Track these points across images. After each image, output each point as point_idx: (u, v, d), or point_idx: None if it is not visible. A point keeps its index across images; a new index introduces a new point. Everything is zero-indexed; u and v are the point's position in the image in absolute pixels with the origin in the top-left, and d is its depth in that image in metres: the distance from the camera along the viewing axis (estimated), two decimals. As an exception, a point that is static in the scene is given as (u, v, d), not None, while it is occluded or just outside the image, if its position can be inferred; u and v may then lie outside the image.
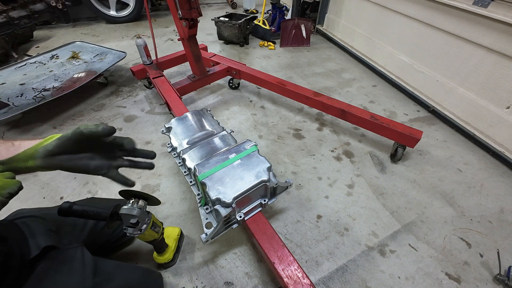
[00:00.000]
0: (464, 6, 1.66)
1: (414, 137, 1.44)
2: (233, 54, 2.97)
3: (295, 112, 2.06)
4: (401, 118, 2.02)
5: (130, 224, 0.78)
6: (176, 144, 1.26)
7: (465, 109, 1.83)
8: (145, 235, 0.86)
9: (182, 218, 1.33)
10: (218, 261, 1.16)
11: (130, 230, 0.80)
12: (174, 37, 3.37)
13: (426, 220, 1.33)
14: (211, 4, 4.83)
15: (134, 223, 0.77)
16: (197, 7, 1.58)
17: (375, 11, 2.50)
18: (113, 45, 2.92)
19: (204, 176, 1.02)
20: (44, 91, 1.95)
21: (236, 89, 2.34)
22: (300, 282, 0.86)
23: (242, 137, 1.81)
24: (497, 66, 1.60)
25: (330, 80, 2.49)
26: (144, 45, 1.99)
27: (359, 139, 1.81)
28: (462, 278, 1.11)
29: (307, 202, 1.40)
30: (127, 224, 0.78)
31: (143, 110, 2.07)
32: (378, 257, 1.18)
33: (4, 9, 2.45)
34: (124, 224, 0.78)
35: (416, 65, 2.16)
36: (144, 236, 0.86)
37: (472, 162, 1.65)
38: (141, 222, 0.80)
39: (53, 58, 2.37)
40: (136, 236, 0.83)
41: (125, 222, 0.78)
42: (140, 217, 0.79)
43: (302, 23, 3.07)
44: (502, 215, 1.35)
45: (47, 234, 0.78)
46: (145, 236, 0.88)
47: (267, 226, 1.03)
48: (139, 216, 0.78)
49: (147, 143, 1.76)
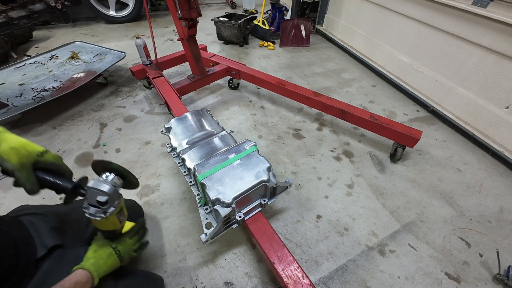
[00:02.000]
0: (463, 6, 1.66)
1: (414, 137, 1.44)
2: (233, 54, 2.97)
3: (295, 112, 2.06)
4: (400, 118, 2.02)
5: (95, 203, 0.64)
6: (175, 144, 1.26)
7: (464, 109, 1.83)
8: (107, 222, 0.70)
9: (182, 218, 1.33)
10: (218, 261, 1.16)
11: (92, 211, 0.65)
12: (173, 37, 3.37)
13: (425, 220, 1.33)
14: (211, 4, 4.83)
15: (102, 202, 0.64)
16: (196, 7, 1.58)
17: (375, 11, 2.50)
18: (112, 45, 2.92)
19: (203, 176, 1.02)
20: (44, 91, 1.95)
21: (235, 89, 2.34)
22: (300, 282, 0.86)
23: (241, 137, 1.81)
24: (496, 66, 1.60)
25: (329, 80, 2.49)
26: (144, 45, 1.98)
27: (359, 139, 1.81)
28: (461, 278, 1.12)
29: (307, 202, 1.40)
30: (91, 201, 0.65)
31: (143, 110, 2.07)
32: (378, 257, 1.18)
33: (4, 9, 2.44)
34: (88, 201, 0.65)
35: (416, 65, 2.16)
36: (105, 223, 0.70)
37: (471, 162, 1.65)
38: (109, 203, 0.66)
39: (53, 58, 2.37)
40: (97, 219, 0.66)
41: (90, 199, 0.65)
42: (111, 196, 0.65)
43: (302, 23, 3.07)
44: (502, 215, 1.36)
45: (52, 233, 0.78)
46: (106, 223, 0.71)
47: (267, 226, 1.03)
48: (110, 195, 0.65)
49: (147, 143, 1.76)
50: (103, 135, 1.83)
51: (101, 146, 1.74)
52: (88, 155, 1.67)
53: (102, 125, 1.91)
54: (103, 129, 1.88)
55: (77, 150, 1.70)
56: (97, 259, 0.71)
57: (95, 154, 1.67)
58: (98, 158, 1.65)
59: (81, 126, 1.90)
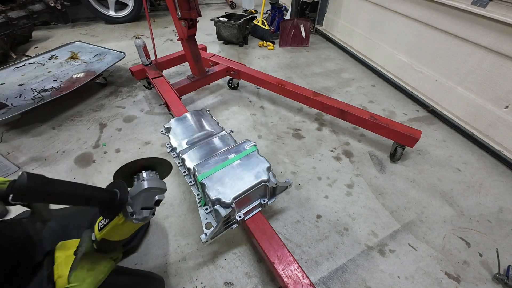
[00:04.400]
0: (462, 6, 1.66)
1: (413, 137, 1.44)
2: (232, 54, 2.97)
3: (295, 112, 2.06)
4: (400, 117, 2.02)
5: (152, 204, 0.58)
6: (175, 145, 1.26)
7: (464, 109, 1.84)
8: (133, 228, 0.63)
9: (182, 218, 1.33)
10: (218, 262, 1.16)
11: (146, 213, 0.59)
12: (173, 37, 3.37)
13: (425, 219, 1.33)
14: (210, 4, 4.83)
15: (160, 201, 0.59)
16: (196, 7, 1.58)
17: (374, 11, 2.50)
18: (112, 46, 2.91)
19: (203, 177, 1.02)
20: (43, 91, 1.95)
21: (235, 89, 2.34)
22: (300, 282, 0.87)
23: (241, 137, 1.81)
24: (495, 66, 1.60)
25: (329, 80, 2.50)
26: (143, 46, 1.98)
27: (359, 139, 1.81)
28: (461, 277, 1.12)
29: (307, 202, 1.40)
30: (147, 204, 0.58)
31: (143, 110, 2.07)
32: (378, 256, 1.18)
33: (3, 10, 2.44)
34: (142, 205, 0.58)
35: (415, 65, 2.16)
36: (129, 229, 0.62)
37: (471, 162, 1.65)
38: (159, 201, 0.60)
39: (52, 59, 2.37)
40: (138, 222, 0.59)
41: (145, 202, 0.59)
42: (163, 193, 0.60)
43: (301, 23, 3.07)
44: (501, 214, 1.36)
45: (52, 237, 0.77)
46: (129, 229, 0.63)
47: (267, 226, 1.03)
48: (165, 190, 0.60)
49: (147, 143, 1.76)
50: (102, 136, 1.83)
51: (101, 146, 1.74)
52: (87, 156, 1.67)
53: (101, 125, 1.91)
54: (102, 129, 1.88)
55: (77, 151, 1.70)
56: (96, 276, 0.63)
57: (95, 155, 1.67)
58: (98, 158, 1.65)
59: (80, 127, 1.90)
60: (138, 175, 0.63)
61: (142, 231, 1.20)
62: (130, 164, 0.63)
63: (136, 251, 1.19)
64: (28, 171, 0.47)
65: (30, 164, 1.61)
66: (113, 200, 0.55)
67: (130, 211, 0.57)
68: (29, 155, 1.67)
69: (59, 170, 1.57)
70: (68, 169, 1.58)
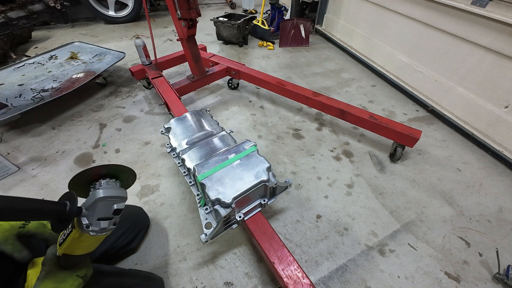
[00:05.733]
0: (462, 6, 1.66)
1: (413, 137, 1.44)
2: (232, 54, 2.97)
3: (294, 112, 2.06)
4: (400, 117, 2.02)
5: (110, 214, 0.55)
6: (175, 145, 1.26)
7: (463, 109, 1.84)
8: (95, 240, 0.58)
9: (182, 218, 1.33)
10: (218, 262, 1.16)
11: (104, 224, 0.55)
12: (173, 37, 3.37)
13: (425, 219, 1.33)
14: (210, 4, 4.83)
15: (119, 210, 0.56)
16: (196, 7, 1.58)
17: (374, 11, 2.50)
18: (112, 46, 2.91)
19: (203, 177, 1.02)
20: (43, 91, 1.94)
21: (235, 89, 2.34)
22: (300, 282, 0.87)
23: (241, 137, 1.81)
24: (495, 66, 1.61)
25: (329, 80, 2.50)
26: (143, 46, 1.98)
27: (358, 139, 1.81)
28: (461, 277, 1.12)
29: (307, 202, 1.40)
30: (104, 214, 0.55)
31: (142, 110, 2.07)
32: (378, 256, 1.18)
33: (3, 10, 2.44)
34: (96, 215, 0.55)
35: (415, 65, 2.17)
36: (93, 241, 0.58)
37: (471, 162, 1.66)
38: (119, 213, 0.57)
39: (52, 59, 2.37)
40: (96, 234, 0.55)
41: (101, 212, 0.55)
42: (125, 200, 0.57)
43: (301, 23, 3.08)
44: (501, 214, 1.36)
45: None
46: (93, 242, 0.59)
47: (267, 226, 1.03)
48: (126, 198, 0.57)
49: (147, 143, 1.76)
50: (102, 136, 1.82)
51: (101, 146, 1.74)
52: (87, 156, 1.67)
53: (101, 126, 1.91)
54: (102, 129, 1.88)
55: (77, 151, 1.70)
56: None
57: (95, 155, 1.67)
58: (98, 158, 1.65)
59: (80, 127, 1.90)
60: (95, 184, 0.60)
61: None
62: (86, 172, 0.58)
63: (136, 252, 1.19)
64: None
65: (30, 164, 1.60)
66: (63, 212, 0.51)
67: (85, 223, 0.54)
68: (29, 155, 1.67)
69: (58, 170, 1.57)
70: (68, 169, 1.58)
